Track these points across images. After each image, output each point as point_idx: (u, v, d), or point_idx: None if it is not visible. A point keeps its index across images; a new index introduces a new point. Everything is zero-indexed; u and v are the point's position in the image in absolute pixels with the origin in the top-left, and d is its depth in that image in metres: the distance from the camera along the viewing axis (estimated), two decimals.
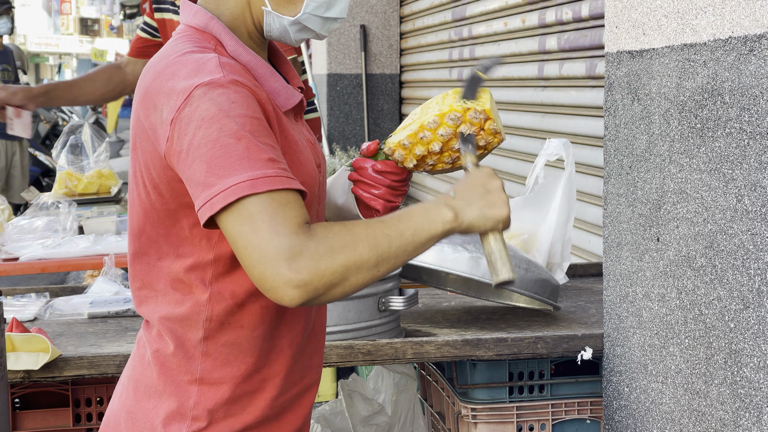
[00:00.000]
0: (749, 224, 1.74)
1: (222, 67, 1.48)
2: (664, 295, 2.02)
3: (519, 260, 2.37)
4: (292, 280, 1.38)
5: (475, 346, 2.25)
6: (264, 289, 1.40)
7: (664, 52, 1.99)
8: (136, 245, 1.60)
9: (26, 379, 2.12)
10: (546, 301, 2.42)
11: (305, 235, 1.40)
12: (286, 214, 1.40)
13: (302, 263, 1.38)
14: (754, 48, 1.71)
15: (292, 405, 1.65)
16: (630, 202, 2.15)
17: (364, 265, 1.43)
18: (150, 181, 1.53)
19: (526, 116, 4.17)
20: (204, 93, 1.45)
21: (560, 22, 3.79)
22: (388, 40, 6.34)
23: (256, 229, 1.39)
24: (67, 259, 3.42)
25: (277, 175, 1.42)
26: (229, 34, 1.59)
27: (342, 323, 2.27)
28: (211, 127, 1.43)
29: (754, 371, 1.73)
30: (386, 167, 1.78)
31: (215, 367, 1.57)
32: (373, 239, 1.45)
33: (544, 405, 2.34)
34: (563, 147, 2.74)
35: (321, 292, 1.40)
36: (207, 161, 1.42)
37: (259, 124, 1.46)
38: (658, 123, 2.02)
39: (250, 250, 1.39)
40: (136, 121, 1.56)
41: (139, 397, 1.59)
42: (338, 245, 1.42)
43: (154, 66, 1.56)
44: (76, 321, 2.57)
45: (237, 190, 1.40)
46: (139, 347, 1.64)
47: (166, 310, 1.57)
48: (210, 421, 1.56)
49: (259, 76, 1.58)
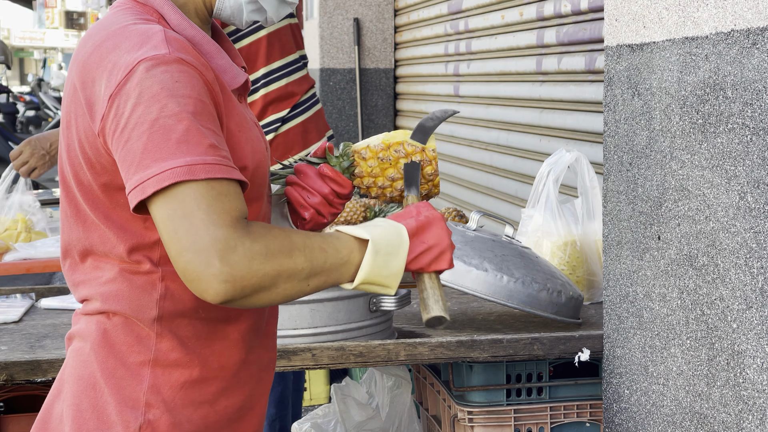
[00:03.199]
0: (752, 222, 1.72)
1: (168, 42, 1.42)
2: (665, 295, 2.01)
3: (554, 283, 2.33)
4: (222, 274, 1.32)
5: (469, 348, 2.22)
6: (188, 279, 1.34)
7: (665, 45, 1.98)
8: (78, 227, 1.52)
9: (9, 382, 2.09)
10: (572, 321, 2.39)
11: (243, 231, 1.35)
12: (224, 205, 1.35)
13: (235, 258, 1.33)
14: (757, 41, 1.69)
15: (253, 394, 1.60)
16: (630, 199, 2.13)
17: (297, 275, 1.39)
18: (85, 159, 1.47)
19: (524, 112, 4.14)
20: (147, 69, 1.38)
21: (559, 15, 3.77)
22: (382, 33, 6.31)
23: (189, 215, 1.33)
24: (52, 259, 3.39)
25: (216, 163, 1.37)
26: (172, 8, 1.53)
27: (332, 324, 2.24)
28: (152, 106, 1.36)
29: (757, 373, 1.72)
30: (332, 173, 1.75)
31: (171, 348, 1.50)
32: (310, 251, 1.41)
33: (543, 408, 2.32)
34: (576, 161, 2.71)
35: (248, 292, 1.35)
36: (143, 142, 1.36)
37: (203, 107, 1.40)
38: (659, 118, 2.01)
39: (180, 235, 1.33)
40: (72, 95, 1.48)
41: (83, 388, 1.51)
42: (275, 248, 1.37)
43: (93, 37, 1.49)
44: (61, 323, 2.54)
45: (172, 175, 1.34)
46: (76, 343, 1.55)
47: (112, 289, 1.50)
48: (167, 408, 1.49)
49: (205, 53, 1.52)
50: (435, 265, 1.55)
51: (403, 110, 6.22)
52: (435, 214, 1.56)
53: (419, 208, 1.57)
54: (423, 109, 5.65)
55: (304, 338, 2.23)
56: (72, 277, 1.57)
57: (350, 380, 3.12)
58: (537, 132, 4.00)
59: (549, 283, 2.32)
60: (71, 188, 1.52)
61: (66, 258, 1.58)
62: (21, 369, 2.10)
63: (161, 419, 1.49)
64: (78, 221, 1.53)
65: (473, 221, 2.48)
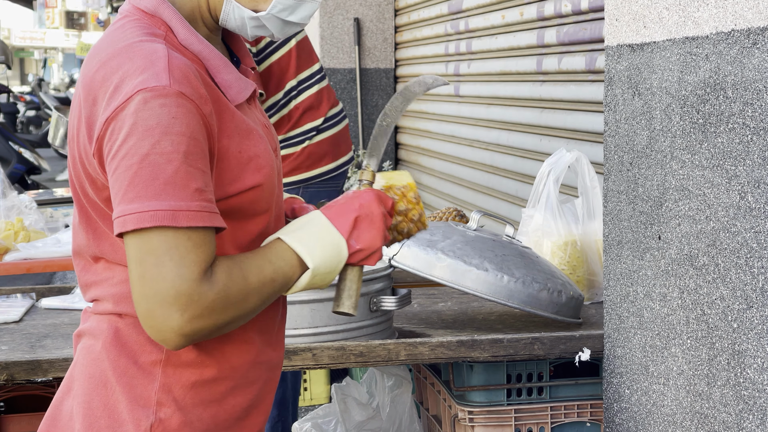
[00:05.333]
0: (753, 222, 1.72)
1: (170, 71, 1.40)
2: (665, 295, 2.00)
3: (554, 282, 2.33)
4: (181, 329, 1.36)
5: (470, 348, 2.22)
6: (147, 325, 1.38)
7: (666, 45, 1.97)
8: (89, 234, 1.53)
9: (9, 382, 2.09)
10: (573, 321, 2.38)
11: (207, 284, 1.38)
12: (197, 257, 1.37)
13: (196, 313, 1.37)
14: (757, 41, 1.69)
15: (261, 393, 1.59)
16: (631, 199, 2.13)
17: (249, 314, 1.46)
18: (86, 174, 1.47)
19: (524, 111, 4.13)
20: (145, 101, 1.38)
21: (559, 14, 3.76)
22: (382, 33, 6.30)
23: (160, 264, 1.35)
24: (52, 259, 3.38)
25: (200, 210, 1.38)
26: (181, 21, 1.52)
27: (332, 323, 2.24)
28: (144, 140, 1.36)
29: (757, 372, 1.72)
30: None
31: (183, 349, 1.49)
32: (262, 288, 1.46)
33: (543, 407, 2.32)
34: (576, 161, 2.70)
35: (204, 336, 1.41)
36: (130, 175, 1.36)
37: (195, 146, 1.39)
38: (660, 118, 2.00)
39: (146, 281, 1.36)
40: (77, 110, 1.49)
41: (94, 386, 1.51)
42: (234, 298, 1.41)
43: (99, 54, 1.48)
44: (62, 322, 2.53)
45: (154, 218, 1.35)
46: (86, 341, 1.55)
47: (124, 290, 1.49)
48: (178, 407, 1.49)
49: (211, 68, 1.51)
50: (362, 262, 1.58)
51: None
52: (375, 212, 1.56)
53: (361, 201, 1.57)
54: (423, 108, 5.64)
55: (304, 338, 2.23)
56: (84, 278, 1.57)
57: (350, 380, 3.11)
58: (537, 132, 4.00)
59: (549, 283, 2.32)
60: (80, 198, 1.53)
61: (78, 259, 1.58)
62: (21, 369, 2.10)
63: (172, 418, 1.49)
64: (89, 229, 1.53)
65: (474, 221, 2.47)
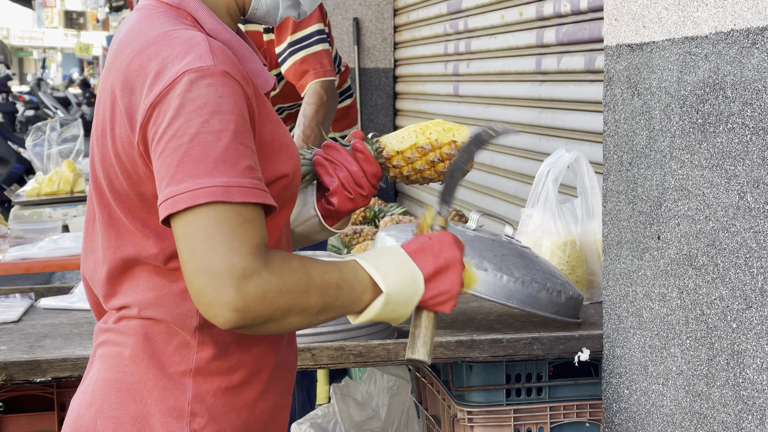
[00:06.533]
0: (752, 222, 1.72)
1: (213, 52, 1.39)
2: (664, 295, 2.00)
3: (553, 282, 2.32)
4: (234, 303, 1.31)
5: (469, 348, 2.22)
6: (199, 302, 1.32)
7: (665, 45, 1.97)
8: (111, 235, 1.50)
9: (8, 382, 2.09)
10: (572, 321, 2.38)
11: (261, 261, 1.33)
12: (248, 232, 1.33)
13: (250, 288, 1.31)
14: (756, 41, 1.69)
15: (284, 395, 1.59)
16: (630, 199, 2.13)
17: (308, 311, 1.38)
18: (121, 168, 1.44)
19: (524, 111, 4.13)
20: (191, 81, 1.36)
21: (558, 14, 3.76)
22: (381, 33, 6.30)
23: (211, 238, 1.31)
24: (52, 259, 3.38)
25: (252, 186, 1.35)
26: (207, 12, 1.50)
27: (332, 323, 2.23)
28: (193, 119, 1.34)
29: (757, 372, 1.72)
30: (362, 147, 1.75)
31: (212, 357, 1.48)
32: (326, 288, 1.40)
33: (543, 408, 2.31)
34: (576, 161, 2.70)
35: (257, 322, 1.34)
36: (180, 155, 1.34)
37: (244, 125, 1.38)
38: (659, 118, 2.00)
39: (198, 257, 1.31)
40: (111, 103, 1.45)
41: (122, 400, 1.47)
42: (290, 284, 1.35)
43: (131, 44, 1.45)
44: (61, 322, 2.53)
45: (208, 194, 1.32)
46: (111, 348, 1.51)
47: (150, 297, 1.47)
48: (210, 416, 1.47)
49: (240, 56, 1.49)
50: (438, 307, 1.54)
51: (402, 110, 6.21)
52: (455, 257, 1.52)
53: (443, 245, 1.52)
54: (423, 108, 5.64)
55: (303, 338, 2.22)
56: (104, 288, 1.53)
57: (350, 380, 3.11)
58: (536, 132, 3.99)
59: (549, 283, 2.32)
60: (105, 196, 1.49)
61: (97, 269, 1.54)
62: (20, 369, 2.09)
63: (206, 428, 1.47)
64: (111, 229, 1.50)
65: (473, 221, 2.47)
